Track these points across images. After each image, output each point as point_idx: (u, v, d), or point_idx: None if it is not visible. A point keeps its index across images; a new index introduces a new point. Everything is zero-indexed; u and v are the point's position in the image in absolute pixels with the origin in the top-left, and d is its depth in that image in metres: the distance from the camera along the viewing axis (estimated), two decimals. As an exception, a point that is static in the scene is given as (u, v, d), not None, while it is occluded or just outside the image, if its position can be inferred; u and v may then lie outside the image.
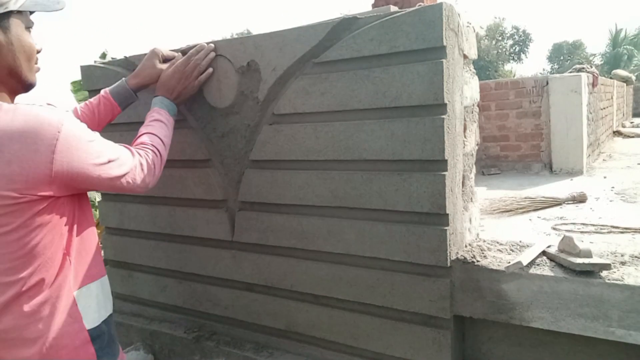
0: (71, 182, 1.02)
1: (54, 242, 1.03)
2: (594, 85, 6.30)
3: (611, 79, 10.17)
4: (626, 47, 26.43)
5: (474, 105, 1.57)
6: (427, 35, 1.23)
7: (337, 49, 1.37)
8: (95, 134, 1.09)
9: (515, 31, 30.87)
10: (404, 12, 1.27)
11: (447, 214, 1.28)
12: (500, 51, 29.89)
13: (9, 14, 0.99)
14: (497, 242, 1.49)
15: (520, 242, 1.47)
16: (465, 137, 1.46)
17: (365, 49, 1.32)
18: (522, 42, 30.94)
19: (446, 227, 1.28)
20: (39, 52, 1.10)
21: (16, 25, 1.02)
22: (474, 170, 1.57)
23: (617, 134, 9.43)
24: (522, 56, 31.33)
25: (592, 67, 7.00)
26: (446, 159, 1.26)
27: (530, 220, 3.28)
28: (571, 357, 1.30)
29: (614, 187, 4.34)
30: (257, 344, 1.68)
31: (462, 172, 1.43)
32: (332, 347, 1.54)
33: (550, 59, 35.86)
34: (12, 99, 1.07)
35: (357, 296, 1.44)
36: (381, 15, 1.30)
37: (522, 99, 5.84)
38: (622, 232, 2.72)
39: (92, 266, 1.14)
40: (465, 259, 1.32)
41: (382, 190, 1.35)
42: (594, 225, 2.94)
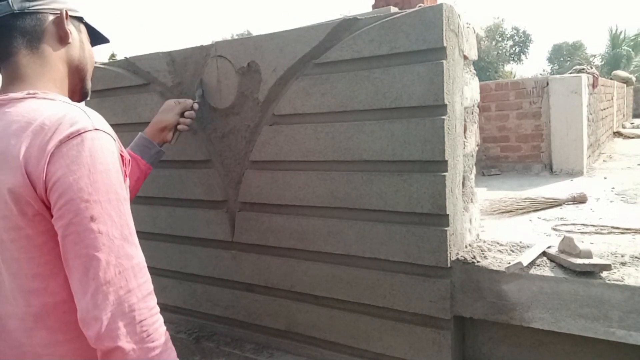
0: None
1: None
2: (594, 86, 6.30)
3: (611, 79, 10.17)
4: (624, 48, 26.44)
5: (474, 106, 1.57)
6: (427, 36, 1.23)
7: (337, 50, 1.37)
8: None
9: (515, 32, 30.88)
10: (404, 13, 1.27)
11: (447, 215, 1.28)
12: (500, 52, 29.89)
13: (80, 19, 1.04)
14: (498, 243, 1.48)
15: (520, 242, 1.47)
16: (465, 137, 1.46)
17: (365, 49, 1.32)
18: (522, 43, 30.94)
19: (446, 228, 1.28)
20: None
21: (84, 32, 1.06)
22: (474, 171, 1.57)
23: (618, 134, 9.44)
24: (522, 57, 31.32)
25: (592, 68, 7.01)
26: (446, 159, 1.26)
27: (530, 220, 3.28)
28: (571, 358, 1.30)
29: (614, 188, 4.34)
30: (257, 345, 1.68)
31: (462, 173, 1.43)
32: (332, 348, 1.54)
33: (550, 60, 35.86)
34: (67, 96, 1.05)
35: (357, 297, 1.44)
36: (381, 16, 1.30)
37: (522, 100, 5.84)
38: (622, 233, 2.72)
39: None
40: (465, 259, 1.32)
41: (382, 191, 1.35)
42: (594, 225, 2.94)
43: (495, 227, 3.12)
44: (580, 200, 3.75)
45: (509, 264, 1.26)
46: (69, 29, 0.98)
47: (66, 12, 0.98)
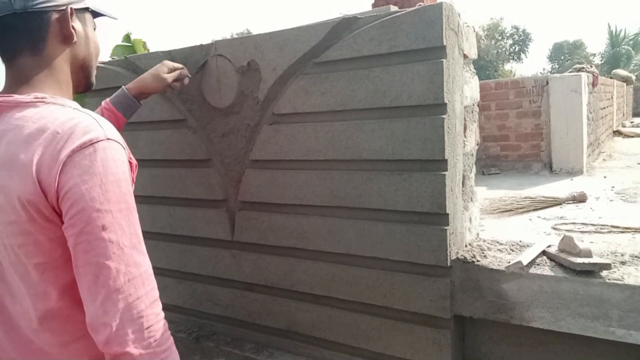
0: None
1: None
2: (594, 85, 6.30)
3: (611, 78, 10.18)
4: (624, 46, 26.45)
5: (474, 105, 1.57)
6: (427, 35, 1.23)
7: (337, 49, 1.37)
8: None
9: (515, 31, 30.86)
10: (404, 12, 1.26)
11: (447, 214, 1.28)
12: (500, 51, 29.86)
13: (86, 9, 1.01)
14: (497, 242, 1.48)
15: (520, 241, 1.47)
16: (465, 136, 1.46)
17: (365, 48, 1.32)
18: (522, 41, 30.92)
19: (446, 227, 1.28)
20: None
21: (90, 22, 1.03)
22: (474, 170, 1.57)
23: (617, 133, 9.44)
24: (522, 56, 31.30)
25: (592, 66, 7.01)
26: (446, 158, 1.26)
27: (530, 220, 3.29)
28: (571, 357, 1.30)
29: (614, 187, 4.34)
30: (257, 344, 1.68)
31: (462, 172, 1.43)
32: (332, 347, 1.54)
33: (550, 59, 35.84)
34: (72, 95, 1.05)
35: (357, 296, 1.44)
36: (381, 15, 1.30)
37: (522, 99, 5.84)
38: (622, 232, 2.72)
39: None
40: (465, 258, 1.32)
41: (382, 190, 1.35)
42: (594, 225, 2.94)
43: (495, 226, 3.12)
44: (580, 199, 3.75)
45: (509, 263, 1.26)
46: (73, 27, 0.96)
47: (71, 9, 0.95)
